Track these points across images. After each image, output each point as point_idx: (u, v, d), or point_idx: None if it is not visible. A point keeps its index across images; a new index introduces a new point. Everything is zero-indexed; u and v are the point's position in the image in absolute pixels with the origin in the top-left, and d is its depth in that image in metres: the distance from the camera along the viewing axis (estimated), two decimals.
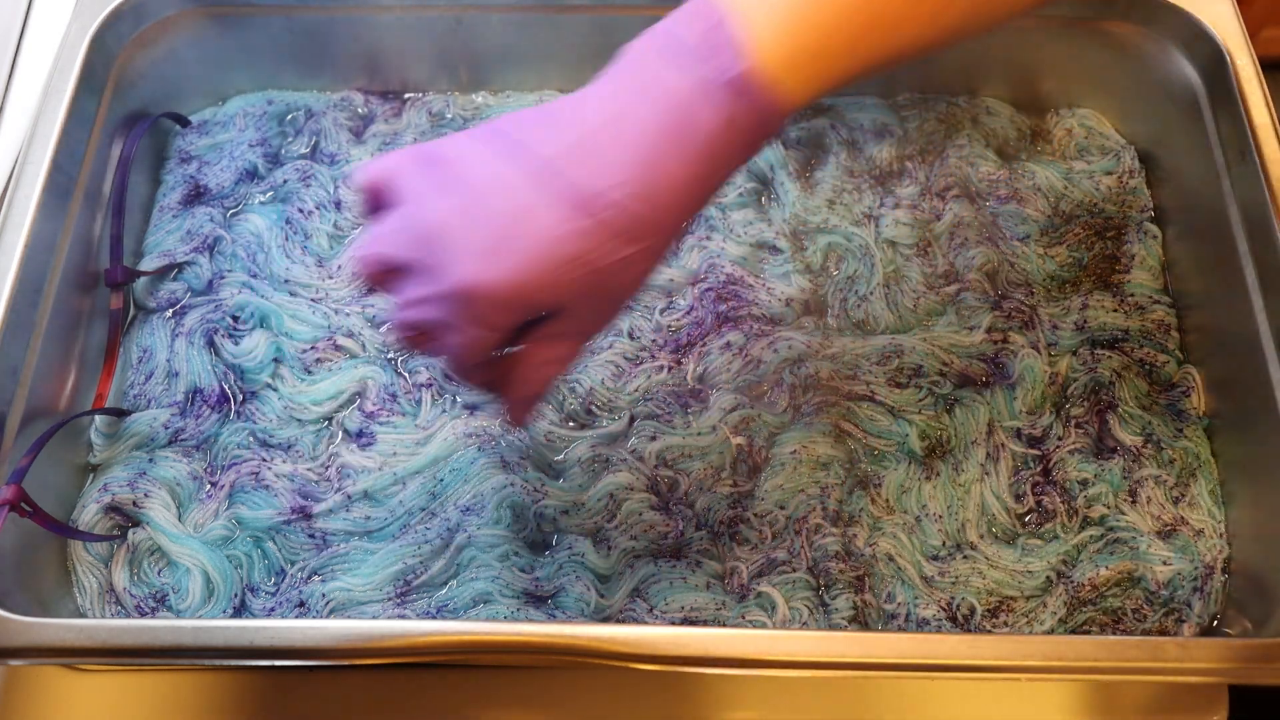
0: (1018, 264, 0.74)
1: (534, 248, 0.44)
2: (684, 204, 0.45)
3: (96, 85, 0.71)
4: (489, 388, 0.52)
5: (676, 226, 0.46)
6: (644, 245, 0.45)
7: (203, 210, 0.75)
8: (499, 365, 0.50)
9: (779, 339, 0.70)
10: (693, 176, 0.45)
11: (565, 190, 0.44)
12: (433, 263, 0.45)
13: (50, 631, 0.54)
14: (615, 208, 0.44)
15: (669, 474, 0.66)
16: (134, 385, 0.69)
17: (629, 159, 0.44)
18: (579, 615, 0.62)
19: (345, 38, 0.78)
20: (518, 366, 0.50)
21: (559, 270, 0.44)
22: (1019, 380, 0.69)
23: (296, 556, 0.64)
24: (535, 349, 0.49)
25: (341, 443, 0.68)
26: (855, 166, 0.78)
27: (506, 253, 0.44)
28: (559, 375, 0.51)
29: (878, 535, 0.65)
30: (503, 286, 0.44)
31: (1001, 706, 0.63)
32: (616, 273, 0.45)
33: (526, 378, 0.50)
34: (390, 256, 0.47)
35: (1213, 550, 0.65)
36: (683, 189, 0.45)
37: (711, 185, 0.46)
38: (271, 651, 0.53)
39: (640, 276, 0.47)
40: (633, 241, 0.44)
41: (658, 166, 0.44)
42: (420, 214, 0.46)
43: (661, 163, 0.44)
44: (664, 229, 0.45)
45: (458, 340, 0.47)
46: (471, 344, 0.47)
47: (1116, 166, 0.78)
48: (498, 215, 0.44)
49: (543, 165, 0.44)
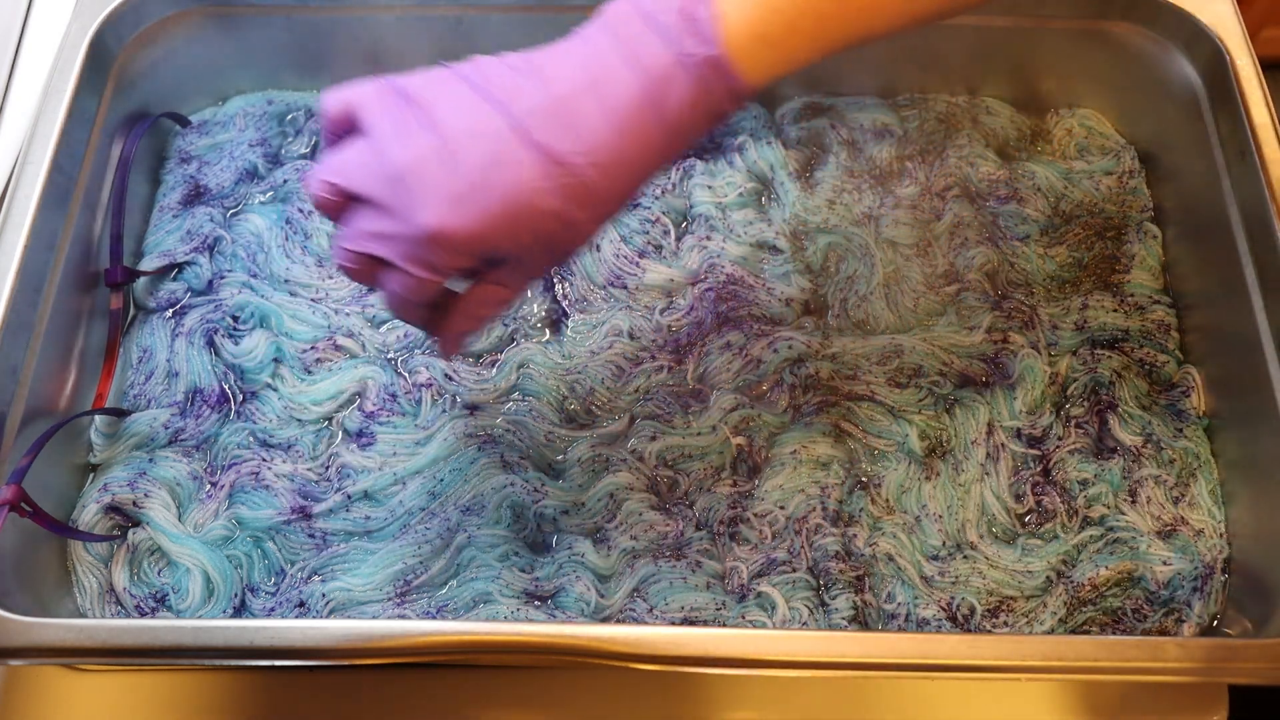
0: (1018, 264, 0.74)
1: (502, 200, 0.45)
2: (642, 175, 0.48)
3: (96, 85, 0.71)
4: (424, 324, 0.54)
5: (629, 196, 0.48)
6: (597, 212, 0.47)
7: (203, 210, 0.75)
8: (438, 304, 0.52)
9: (779, 339, 0.70)
10: (658, 149, 0.47)
11: (539, 148, 0.45)
12: (396, 203, 0.46)
13: (50, 631, 0.54)
14: (580, 174, 0.45)
15: (669, 474, 0.66)
16: (134, 385, 0.69)
17: (605, 127, 0.45)
18: (579, 615, 0.62)
19: (345, 38, 0.78)
20: (460, 305, 0.52)
21: (520, 224, 0.46)
22: (1019, 380, 0.69)
23: (296, 556, 0.64)
24: (479, 291, 0.51)
25: (341, 443, 0.68)
26: (855, 166, 0.78)
27: (476, 201, 0.45)
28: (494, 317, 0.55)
29: (878, 535, 0.65)
30: (467, 234, 0.45)
31: (1001, 706, 0.63)
32: (567, 232, 0.47)
33: (467, 314, 0.52)
34: (349, 187, 0.48)
35: (1213, 550, 0.65)
36: (647, 161, 0.47)
37: (671, 157, 0.48)
38: (271, 651, 0.53)
39: (585, 238, 0.49)
40: (589, 208, 0.47)
41: (629, 138, 0.46)
42: (389, 151, 0.46)
43: (634, 134, 0.46)
44: (619, 198, 0.48)
45: (407, 281, 0.48)
46: (421, 285, 0.48)
47: (1116, 166, 0.78)
48: (471, 164, 0.45)
49: (520, 120, 0.45)
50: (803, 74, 0.79)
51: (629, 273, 0.73)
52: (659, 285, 0.72)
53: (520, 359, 0.70)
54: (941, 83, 0.81)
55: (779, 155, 0.77)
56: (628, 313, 0.71)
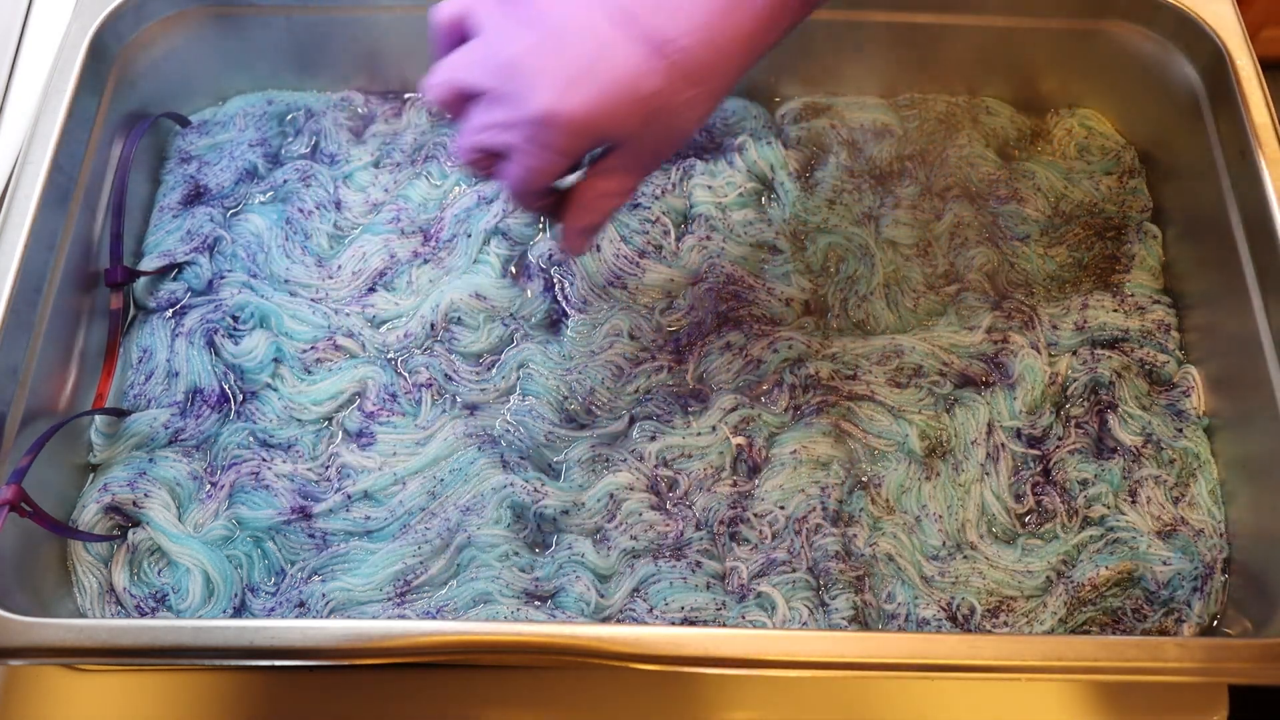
0: (1018, 264, 0.74)
1: (611, 82, 0.48)
2: (745, 54, 0.50)
3: (96, 85, 0.71)
4: (547, 213, 0.57)
5: (736, 75, 0.51)
6: (706, 88, 0.50)
7: (203, 210, 0.75)
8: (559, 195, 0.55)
9: (779, 339, 0.70)
10: (757, 29, 0.49)
11: (642, 32, 0.48)
12: (511, 90, 0.49)
13: (50, 631, 0.54)
14: (685, 52, 0.48)
15: (669, 474, 0.66)
16: (134, 385, 0.69)
17: (703, 7, 0.48)
18: (579, 615, 0.62)
19: (345, 38, 0.78)
20: (577, 197, 0.55)
21: (631, 105, 0.49)
22: (1019, 380, 0.69)
23: (296, 556, 0.64)
24: (596, 180, 0.54)
25: (341, 443, 0.68)
26: (855, 166, 0.78)
27: (586, 84, 0.48)
28: (617, 207, 0.57)
29: (878, 535, 0.65)
30: (579, 114, 0.48)
31: (1001, 706, 0.63)
32: (679, 112, 0.50)
33: (588, 205, 0.55)
34: (467, 82, 0.51)
35: (1213, 550, 0.65)
36: (746, 40, 0.49)
37: (770, 41, 0.51)
38: (271, 651, 0.53)
39: (699, 118, 0.51)
40: (697, 84, 0.49)
41: (729, 17, 0.48)
42: (501, 45, 0.50)
43: (732, 14, 0.48)
44: (725, 75, 0.50)
45: (527, 164, 0.51)
46: (541, 168, 0.51)
47: (1116, 166, 0.78)
48: (579, 50, 0.48)
49: (622, 7, 0.48)
50: (803, 74, 0.80)
51: (629, 273, 0.73)
52: (659, 285, 0.72)
53: (520, 359, 0.70)
54: (941, 83, 0.81)
55: (779, 155, 0.77)
56: (628, 313, 0.71)
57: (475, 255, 0.73)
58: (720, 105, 0.52)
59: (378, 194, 0.76)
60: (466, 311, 0.71)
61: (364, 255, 0.73)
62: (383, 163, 0.78)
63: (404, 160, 0.78)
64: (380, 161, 0.78)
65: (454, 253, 0.73)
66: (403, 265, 0.73)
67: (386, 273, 0.73)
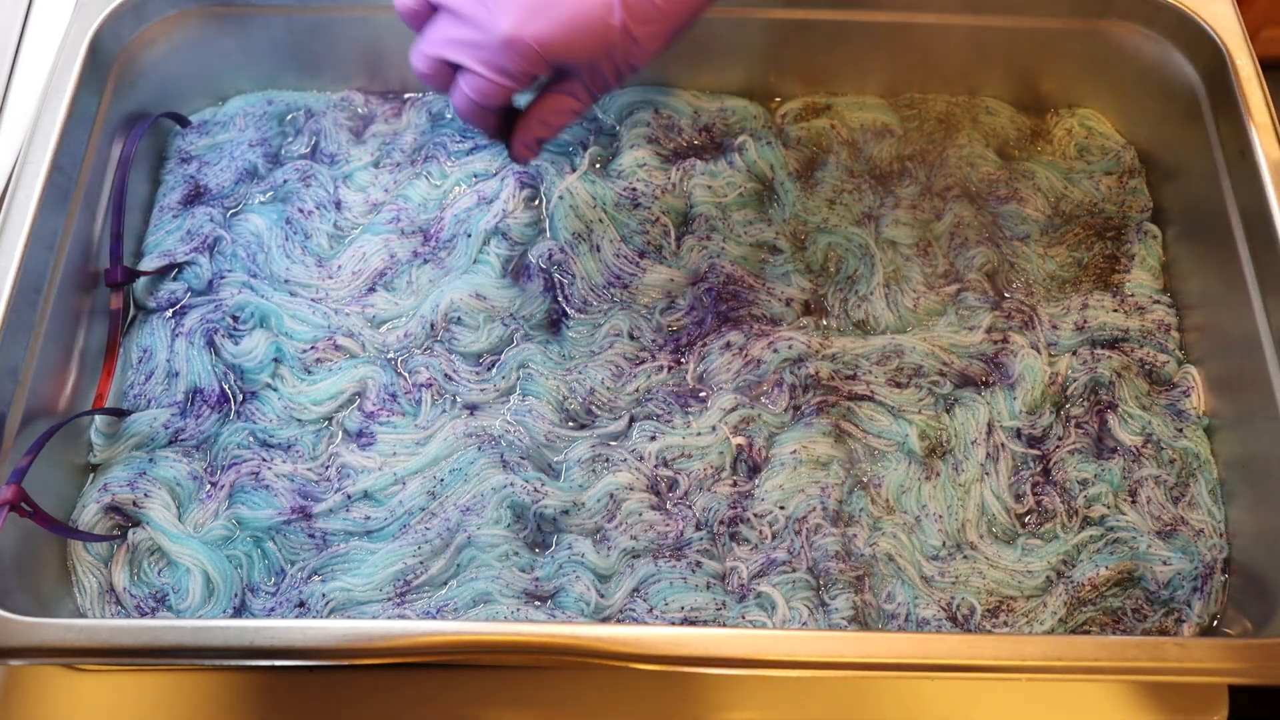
0: (1018, 264, 0.74)
1: (570, 14, 0.53)
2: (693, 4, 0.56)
3: (96, 85, 0.71)
4: (493, 132, 0.62)
5: (685, 20, 0.56)
6: (656, 28, 0.55)
7: (203, 210, 0.75)
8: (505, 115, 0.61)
9: (779, 339, 0.70)
10: None
11: None
12: (477, 12, 0.54)
13: (50, 631, 0.54)
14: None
15: (669, 474, 0.66)
16: (134, 385, 0.69)
17: None
18: (579, 615, 0.62)
19: (345, 38, 0.78)
20: (534, 110, 0.61)
21: (586, 37, 0.54)
22: (1019, 380, 0.69)
23: (296, 556, 0.64)
24: (551, 100, 0.60)
25: (341, 443, 0.68)
26: (855, 166, 0.78)
27: (549, 13, 0.53)
28: (566, 125, 0.62)
29: (878, 535, 0.65)
30: (540, 41, 0.54)
31: (1001, 706, 0.63)
32: (631, 47, 0.56)
33: (541, 120, 0.61)
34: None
35: (1213, 550, 0.65)
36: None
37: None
38: (271, 651, 0.53)
39: (649, 54, 0.57)
40: (647, 24, 0.55)
41: None
42: None
43: None
44: (674, 20, 0.56)
45: (484, 82, 0.56)
46: (496, 88, 0.56)
47: (1116, 166, 0.78)
48: None
49: None
50: (803, 74, 0.80)
51: (629, 273, 0.73)
52: (659, 285, 0.72)
53: (520, 359, 0.70)
54: (941, 83, 0.81)
55: (779, 155, 0.77)
56: (628, 313, 0.71)
57: (475, 255, 0.73)
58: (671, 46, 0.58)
59: (378, 194, 0.76)
60: (466, 311, 0.71)
61: (364, 255, 0.73)
62: (383, 163, 0.78)
63: (404, 160, 0.78)
64: (380, 161, 0.78)
65: (454, 253, 0.73)
66: (403, 265, 0.73)
67: (386, 273, 0.73)
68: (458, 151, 0.78)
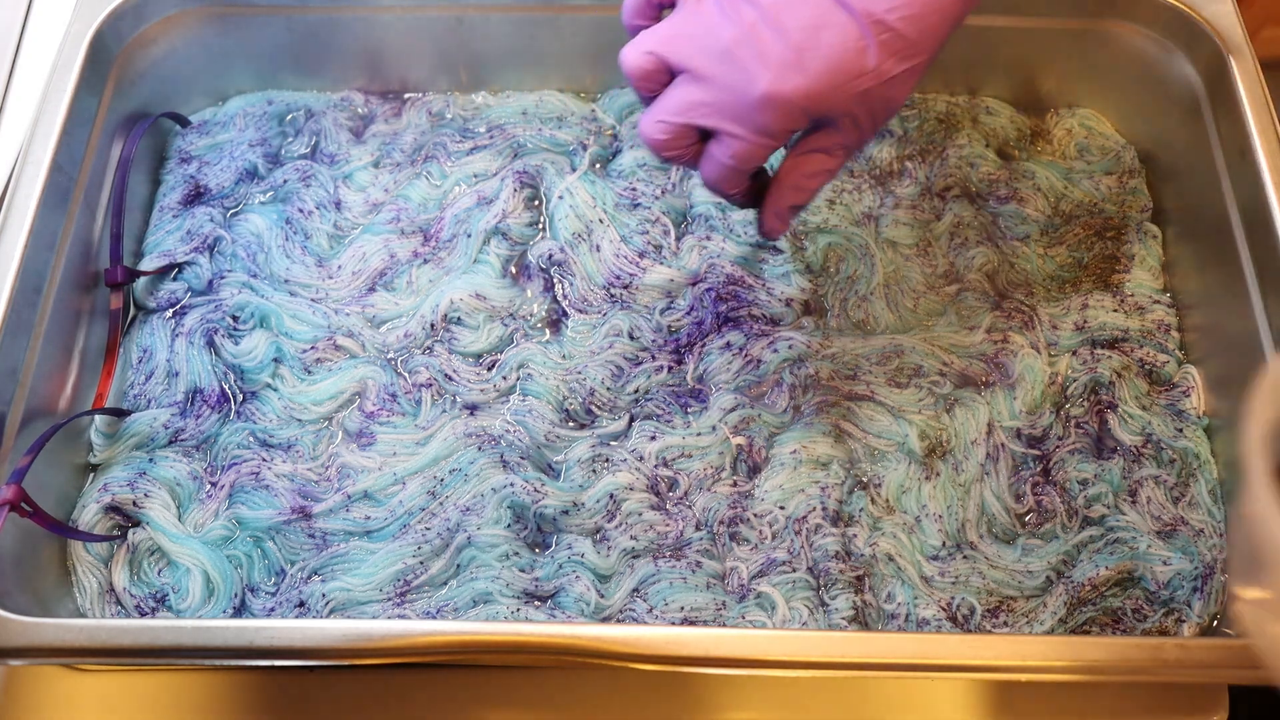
0: (1018, 264, 0.74)
1: (828, 62, 0.49)
2: (947, 27, 0.51)
3: (96, 85, 0.71)
4: (746, 197, 0.58)
5: (936, 48, 0.52)
6: (913, 64, 0.51)
7: (203, 210, 0.75)
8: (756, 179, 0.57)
9: (779, 339, 0.70)
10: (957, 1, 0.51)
11: (854, 10, 0.49)
12: (725, 74, 0.50)
13: (50, 631, 0.54)
14: (893, 30, 0.49)
15: (669, 474, 0.66)
16: (134, 385, 0.69)
17: None
18: (579, 615, 0.62)
19: (345, 38, 0.78)
20: (785, 177, 0.56)
21: (846, 83, 0.50)
22: (1019, 380, 0.69)
23: (296, 556, 0.64)
24: (805, 159, 0.55)
25: (341, 443, 0.68)
26: (855, 166, 0.78)
27: (805, 64, 0.49)
28: (821, 187, 0.57)
29: (878, 535, 0.65)
30: (800, 95, 0.49)
31: (1001, 706, 0.63)
32: (889, 89, 0.51)
33: (795, 185, 0.56)
34: (675, 58, 0.52)
35: (1213, 550, 0.65)
36: (949, 13, 0.50)
37: (965, 12, 0.52)
38: (271, 651, 0.53)
39: (903, 94, 0.52)
40: (905, 60, 0.50)
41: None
42: (715, 26, 0.50)
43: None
44: (930, 50, 0.51)
45: (741, 147, 0.52)
46: (751, 151, 0.52)
47: (1116, 166, 0.78)
48: (796, 29, 0.49)
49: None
50: None
51: (629, 273, 0.73)
52: (659, 285, 0.72)
53: (520, 359, 0.70)
54: (941, 83, 0.81)
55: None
56: (628, 313, 0.71)
57: (475, 255, 0.73)
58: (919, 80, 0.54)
59: (378, 194, 0.76)
60: (466, 311, 0.71)
61: (364, 255, 0.73)
62: (383, 163, 0.78)
63: (404, 160, 0.78)
64: (380, 161, 0.78)
65: (454, 253, 0.73)
66: (403, 265, 0.73)
67: (386, 273, 0.73)
68: (458, 152, 0.78)
